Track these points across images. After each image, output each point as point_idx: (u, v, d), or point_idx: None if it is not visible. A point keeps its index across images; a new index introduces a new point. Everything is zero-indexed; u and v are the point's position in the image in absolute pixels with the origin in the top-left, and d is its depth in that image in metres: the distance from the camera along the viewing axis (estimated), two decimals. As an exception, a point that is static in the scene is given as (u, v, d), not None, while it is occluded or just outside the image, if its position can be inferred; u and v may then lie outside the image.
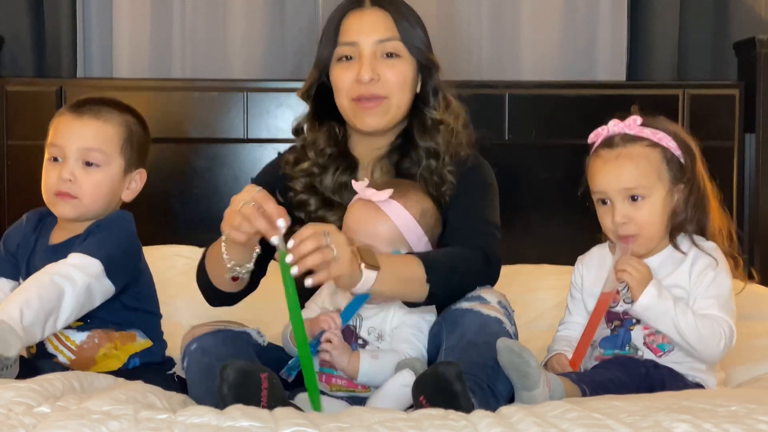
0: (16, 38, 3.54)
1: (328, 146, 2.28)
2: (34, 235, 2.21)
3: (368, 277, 1.88)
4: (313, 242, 1.81)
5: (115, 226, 2.16)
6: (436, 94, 2.29)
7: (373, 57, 2.22)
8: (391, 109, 2.24)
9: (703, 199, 2.15)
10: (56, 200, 2.16)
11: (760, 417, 1.59)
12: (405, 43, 2.24)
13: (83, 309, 2.06)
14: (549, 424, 1.55)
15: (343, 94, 2.24)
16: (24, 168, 3.31)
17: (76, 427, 1.48)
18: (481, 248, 2.10)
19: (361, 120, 2.23)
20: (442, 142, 2.25)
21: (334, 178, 2.25)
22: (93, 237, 2.12)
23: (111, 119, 2.17)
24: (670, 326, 2.03)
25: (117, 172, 2.18)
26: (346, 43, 2.24)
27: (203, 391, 1.93)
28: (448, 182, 2.21)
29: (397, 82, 2.22)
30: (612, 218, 2.11)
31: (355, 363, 1.97)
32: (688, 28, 3.68)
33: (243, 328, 2.07)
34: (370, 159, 2.29)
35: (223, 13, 3.61)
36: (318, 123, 2.31)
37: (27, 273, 2.17)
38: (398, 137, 2.29)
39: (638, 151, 2.11)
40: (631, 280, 2.04)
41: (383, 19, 2.25)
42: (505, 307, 2.03)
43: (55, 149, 2.16)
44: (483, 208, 2.21)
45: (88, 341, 2.13)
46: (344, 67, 2.24)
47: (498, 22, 3.66)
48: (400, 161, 2.26)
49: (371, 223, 2.03)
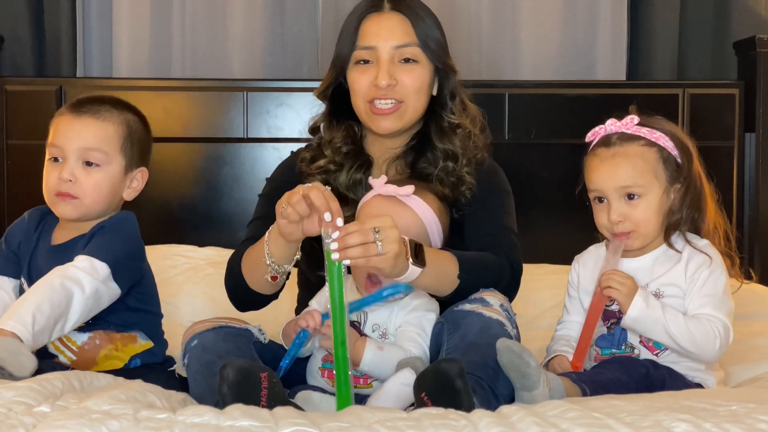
0: (16, 38, 3.55)
1: (345, 144, 2.30)
2: (35, 234, 2.21)
3: (413, 272, 1.93)
4: (359, 237, 1.84)
5: (120, 228, 2.15)
6: (454, 98, 2.31)
7: (390, 62, 2.24)
8: (407, 114, 2.26)
9: (700, 199, 2.15)
10: (57, 201, 2.15)
11: (760, 416, 1.59)
12: (423, 49, 2.26)
13: (91, 313, 2.06)
14: (549, 424, 1.55)
15: (359, 97, 2.26)
16: (24, 168, 3.32)
17: (75, 426, 1.48)
18: (507, 257, 2.15)
19: (376, 124, 2.26)
20: (459, 144, 2.27)
21: (349, 176, 2.28)
22: (98, 239, 2.12)
23: (110, 118, 2.17)
24: (662, 334, 2.04)
25: (118, 171, 2.17)
26: (364, 47, 2.26)
27: (204, 388, 1.94)
28: (467, 182, 2.24)
29: (414, 87, 2.25)
30: (608, 216, 2.12)
31: (360, 349, 1.97)
32: (688, 27, 3.68)
33: (244, 325, 2.07)
34: (384, 158, 2.31)
35: (223, 13, 3.61)
36: (335, 122, 2.33)
37: (29, 272, 2.17)
38: (413, 138, 2.32)
39: (635, 150, 2.12)
40: (618, 295, 2.05)
41: (402, 24, 2.26)
42: (506, 310, 2.05)
43: (55, 149, 2.15)
44: (505, 216, 2.25)
45: (89, 342, 2.13)
46: (362, 70, 2.26)
47: (498, 22, 3.66)
48: (416, 161, 2.28)
49: (398, 216, 2.05)
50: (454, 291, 2.05)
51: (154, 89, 3.42)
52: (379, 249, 1.84)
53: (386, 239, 1.85)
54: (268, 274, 2.06)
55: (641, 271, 2.12)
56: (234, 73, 3.59)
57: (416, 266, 1.92)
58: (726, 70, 3.66)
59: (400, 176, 2.27)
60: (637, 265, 2.14)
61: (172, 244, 3.23)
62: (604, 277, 2.07)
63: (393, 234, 1.87)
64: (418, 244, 1.96)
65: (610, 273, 2.07)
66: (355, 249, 1.83)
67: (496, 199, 2.26)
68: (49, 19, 3.54)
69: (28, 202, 2.35)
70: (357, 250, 1.83)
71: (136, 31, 3.57)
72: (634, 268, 2.13)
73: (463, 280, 2.04)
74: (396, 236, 1.87)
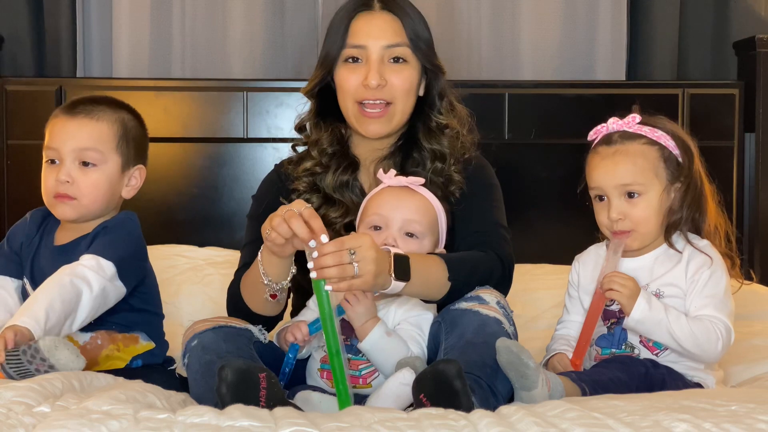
0: (16, 38, 3.55)
1: (330, 146, 2.30)
2: (38, 235, 2.21)
3: (396, 286, 1.93)
4: (333, 259, 1.84)
5: (123, 228, 2.16)
6: (442, 98, 2.31)
7: (380, 62, 2.24)
8: (396, 116, 2.26)
9: (700, 199, 2.15)
10: (55, 202, 2.15)
11: (759, 416, 1.59)
12: (413, 49, 2.26)
13: (98, 312, 2.06)
14: (548, 424, 1.55)
15: (348, 96, 2.26)
16: (24, 168, 3.32)
17: (75, 426, 1.48)
18: (496, 252, 2.14)
19: (364, 127, 2.26)
20: (447, 144, 2.27)
21: (336, 177, 2.27)
22: (102, 239, 2.12)
23: (104, 117, 2.16)
24: (665, 336, 2.04)
25: (114, 170, 2.17)
26: (354, 46, 2.25)
27: (204, 388, 1.93)
28: (456, 182, 2.25)
29: (404, 88, 2.25)
30: (608, 214, 2.12)
31: (369, 327, 1.97)
32: (688, 27, 3.68)
33: (244, 325, 2.07)
34: (371, 159, 2.31)
35: (223, 13, 3.61)
36: (322, 122, 2.32)
37: (31, 272, 2.17)
38: (400, 139, 2.31)
39: (636, 149, 2.12)
40: (620, 297, 2.05)
41: (392, 24, 2.26)
42: (503, 307, 2.04)
43: (51, 152, 2.15)
44: (492, 210, 2.25)
45: (91, 342, 2.13)
46: (351, 69, 2.26)
47: (498, 22, 3.66)
48: (404, 162, 2.28)
49: (414, 202, 2.06)
50: (446, 294, 2.04)
51: (154, 89, 3.42)
52: (356, 271, 1.84)
53: (363, 260, 1.85)
54: (267, 293, 2.06)
55: (641, 271, 2.12)
56: (234, 73, 3.59)
57: (399, 281, 1.92)
58: (726, 70, 3.66)
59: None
60: (637, 265, 2.14)
61: (172, 244, 3.24)
62: (606, 279, 2.07)
63: (369, 254, 1.85)
64: (404, 256, 1.95)
65: (611, 275, 2.07)
66: (331, 269, 1.83)
67: (483, 195, 2.26)
68: (49, 19, 3.53)
69: (28, 202, 2.35)
70: (333, 270, 1.83)
71: (136, 31, 3.57)
72: (634, 268, 2.13)
73: (454, 282, 2.04)
74: (372, 257, 1.86)
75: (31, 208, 2.27)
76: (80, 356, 1.91)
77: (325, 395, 1.97)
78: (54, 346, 1.89)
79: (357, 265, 1.84)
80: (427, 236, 2.08)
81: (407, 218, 2.06)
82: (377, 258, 1.87)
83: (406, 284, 1.94)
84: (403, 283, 1.93)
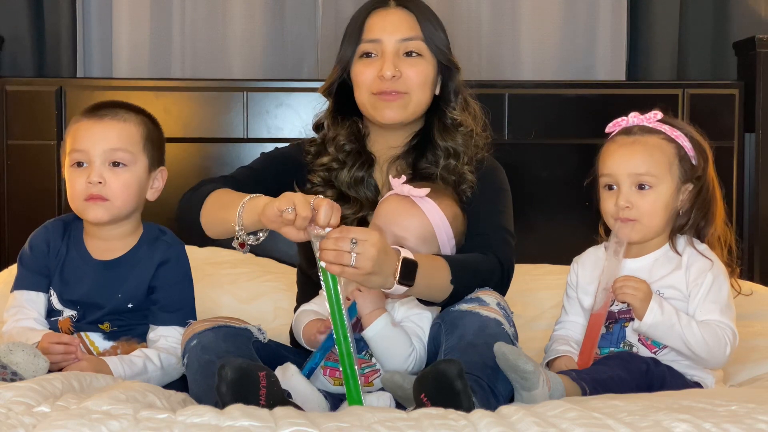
0: (16, 38, 3.54)
1: (348, 142, 2.31)
2: (63, 245, 2.18)
3: (398, 289, 1.93)
4: (333, 243, 1.84)
5: (184, 266, 2.20)
6: (457, 95, 2.32)
7: (395, 55, 2.25)
8: (411, 105, 2.27)
9: (709, 204, 2.16)
10: (87, 205, 2.13)
11: (759, 416, 1.59)
12: (427, 43, 2.28)
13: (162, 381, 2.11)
14: (549, 424, 1.55)
15: (363, 89, 2.27)
16: (24, 168, 3.31)
17: (75, 426, 1.48)
18: (497, 256, 2.14)
19: (380, 112, 2.26)
20: (461, 142, 2.28)
21: (351, 174, 2.28)
22: (173, 289, 2.16)
23: (130, 119, 2.17)
24: (677, 341, 2.04)
25: (143, 170, 2.17)
26: (369, 41, 2.27)
27: (203, 388, 1.94)
28: (468, 181, 2.25)
29: (418, 80, 2.26)
30: (616, 201, 2.12)
31: (375, 316, 1.99)
32: (688, 28, 3.69)
33: (244, 325, 2.07)
34: (386, 157, 2.32)
35: (223, 13, 3.61)
36: (339, 119, 2.33)
37: (61, 284, 2.15)
38: (415, 136, 2.32)
39: (654, 142, 2.13)
40: (633, 300, 2.05)
41: (407, 19, 2.28)
42: (503, 308, 2.05)
43: (78, 154, 2.13)
44: (499, 215, 2.25)
45: (111, 351, 2.12)
46: (366, 63, 2.27)
47: (498, 22, 3.66)
48: (417, 161, 2.28)
49: (406, 217, 2.06)
50: (447, 297, 2.05)
51: (154, 89, 3.42)
52: (352, 261, 1.84)
53: (362, 254, 1.84)
54: (236, 241, 2.04)
55: (641, 272, 2.12)
56: (234, 74, 3.59)
57: (402, 285, 1.93)
58: (726, 70, 3.66)
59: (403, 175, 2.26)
60: (637, 266, 2.14)
61: (172, 244, 3.23)
62: (618, 284, 2.07)
63: (370, 251, 1.85)
64: (412, 262, 1.94)
65: (623, 280, 2.07)
66: (329, 252, 1.84)
67: (492, 198, 2.26)
68: (49, 19, 3.54)
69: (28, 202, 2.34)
70: (330, 254, 1.84)
71: (136, 31, 3.57)
72: (634, 269, 2.13)
73: (456, 284, 2.04)
74: (372, 255, 1.85)
75: (31, 208, 2.27)
76: (39, 356, 1.90)
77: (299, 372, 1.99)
78: (8, 350, 1.88)
79: (355, 256, 1.84)
80: (420, 248, 2.06)
81: (398, 235, 2.06)
82: (377, 258, 1.86)
83: (409, 288, 1.94)
84: (406, 287, 1.94)
